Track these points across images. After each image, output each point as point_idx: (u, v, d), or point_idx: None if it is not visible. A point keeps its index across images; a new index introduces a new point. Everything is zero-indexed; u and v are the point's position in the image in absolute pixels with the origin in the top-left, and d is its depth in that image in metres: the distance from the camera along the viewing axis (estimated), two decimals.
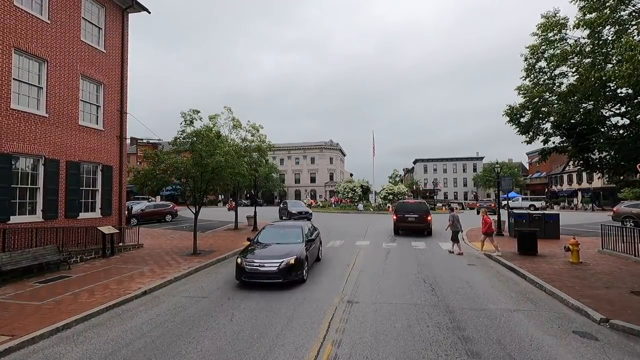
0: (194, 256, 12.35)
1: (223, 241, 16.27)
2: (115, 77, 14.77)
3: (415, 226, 18.32)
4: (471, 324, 6.08)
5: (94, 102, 13.83)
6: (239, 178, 14.56)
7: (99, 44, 14.11)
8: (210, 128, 12.87)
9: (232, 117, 19.60)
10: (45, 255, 9.96)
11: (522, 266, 10.13)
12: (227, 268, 10.97)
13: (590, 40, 7.26)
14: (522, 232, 12.11)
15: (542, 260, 11.02)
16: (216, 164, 12.05)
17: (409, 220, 18.39)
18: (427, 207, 19.40)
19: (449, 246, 14.85)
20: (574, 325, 6.09)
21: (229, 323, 6.23)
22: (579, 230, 19.95)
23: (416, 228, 18.31)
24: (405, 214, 18.58)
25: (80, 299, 7.51)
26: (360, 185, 49.12)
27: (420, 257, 12.37)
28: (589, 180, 57.66)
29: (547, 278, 8.77)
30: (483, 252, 12.89)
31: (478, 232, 18.90)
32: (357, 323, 6.17)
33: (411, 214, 18.50)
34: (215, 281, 9.33)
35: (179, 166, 11.97)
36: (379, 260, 11.97)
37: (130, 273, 9.89)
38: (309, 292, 8.19)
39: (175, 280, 9.30)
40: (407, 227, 18.51)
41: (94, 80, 13.70)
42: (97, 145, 13.75)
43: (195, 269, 10.44)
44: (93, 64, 13.63)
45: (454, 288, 8.39)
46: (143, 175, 12.05)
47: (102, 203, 13.88)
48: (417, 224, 18.19)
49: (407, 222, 18.42)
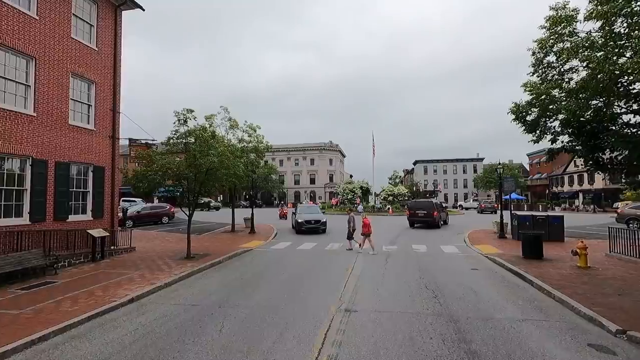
0: (187, 260, 11.92)
1: (219, 244, 15.85)
2: (108, 75, 14.36)
3: (424, 220, 23.31)
4: (477, 336, 5.66)
5: (85, 101, 13.43)
6: (235, 179, 14.16)
7: (91, 42, 13.71)
8: (204, 127, 12.45)
9: (229, 117, 19.19)
10: (31, 259, 9.53)
11: (528, 271, 9.70)
12: (220, 273, 10.55)
13: (602, 33, 6.86)
14: (526, 235, 11.69)
15: (548, 265, 10.59)
16: (210, 164, 11.64)
17: (419, 215, 23.43)
18: (434, 204, 24.31)
19: (450, 249, 14.45)
20: (589, 337, 5.66)
21: (217, 335, 5.80)
22: (583, 233, 19.53)
23: (425, 221, 23.29)
24: (416, 210, 23.74)
25: (62, 307, 7.09)
26: (360, 186, 48.72)
27: (422, 261, 11.95)
28: (590, 182, 57.30)
29: (555, 284, 8.35)
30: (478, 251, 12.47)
31: (480, 235, 18.52)
32: (355, 335, 5.75)
33: (421, 210, 23.54)
34: (208, 287, 8.90)
35: (172, 167, 11.53)
36: (379, 264, 11.55)
37: (119, 279, 9.46)
38: (304, 299, 7.77)
39: (166, 286, 8.87)
40: (418, 221, 23.59)
41: (85, 79, 13.30)
42: (88, 145, 13.34)
43: (187, 274, 10.01)
44: (84, 62, 13.23)
45: (458, 295, 7.97)
46: (133, 177, 11.61)
47: (93, 205, 13.46)
48: (426, 218, 23.20)
49: (418, 216, 23.53)
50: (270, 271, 10.77)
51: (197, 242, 16.44)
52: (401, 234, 20.40)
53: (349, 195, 47.33)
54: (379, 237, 18.33)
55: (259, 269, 11.05)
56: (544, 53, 8.00)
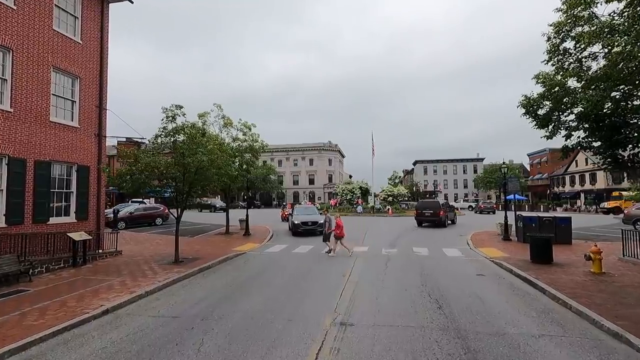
0: (175, 265, 11.23)
1: (211, 247, 15.14)
2: (94, 70, 13.67)
3: (431, 219, 24.17)
4: (490, 356, 4.98)
5: (68, 97, 12.74)
6: (227, 179, 13.47)
7: (75, 35, 13.03)
8: (193, 124, 11.76)
9: (222, 115, 18.54)
10: (2, 265, 8.83)
11: (538, 277, 9.02)
12: (208, 279, 9.85)
13: (629, 12, 6.16)
14: (535, 238, 11.00)
15: (559, 270, 9.91)
16: (199, 163, 10.96)
17: (426, 214, 24.36)
18: (440, 204, 25.27)
19: (453, 252, 13.78)
20: (617, 357, 4.98)
21: (194, 355, 5.11)
22: (589, 234, 18.87)
23: (432, 220, 24.16)
24: (423, 210, 24.76)
25: (27, 321, 6.39)
26: (359, 186, 48.06)
27: (424, 266, 11.27)
28: (591, 182, 56.67)
29: (570, 293, 7.67)
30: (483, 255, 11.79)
31: (483, 236, 17.84)
32: (351, 354, 5.06)
33: (428, 209, 24.51)
34: (192, 296, 8.21)
35: (158, 166, 10.83)
36: (378, 269, 10.86)
37: (98, 286, 8.77)
38: (295, 310, 7.08)
39: (147, 294, 8.18)
40: (425, 220, 24.44)
41: (68, 73, 12.61)
42: (72, 143, 12.65)
43: (172, 281, 9.31)
44: (67, 56, 12.55)
45: (464, 305, 7.28)
46: (117, 176, 10.92)
47: (77, 206, 12.77)
48: (432, 217, 24.08)
49: (424, 216, 24.45)
50: (261, 277, 10.07)
51: (188, 245, 15.76)
52: (401, 235, 19.71)
53: (348, 196, 46.67)
54: (378, 240, 17.67)
55: (249, 275, 10.35)
56: (561, 38, 7.31)
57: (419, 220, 24.74)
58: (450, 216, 26.40)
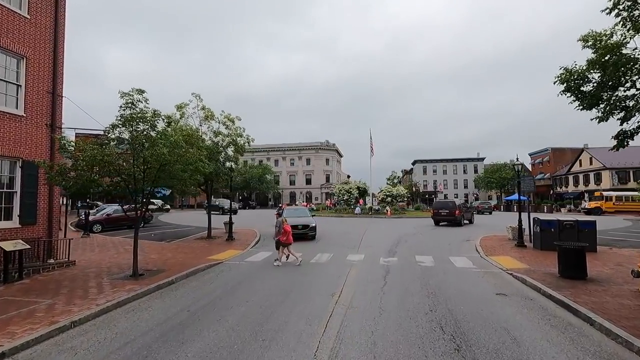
0: (131, 280, 9.30)
1: (183, 255, 13.19)
2: (45, 50, 11.74)
3: (447, 218, 25.09)
4: None
5: (11, 80, 10.81)
6: (199, 176, 11.55)
7: (20, 7, 11.11)
8: (155, 111, 9.82)
9: (202, 106, 16.66)
10: None
11: (578, 300, 7.14)
12: (164, 301, 7.90)
13: None
14: (565, 249, 9.10)
15: (600, 290, 8.02)
16: (158, 157, 9.03)
17: (442, 214, 25.28)
18: (456, 204, 26.10)
19: (463, 262, 11.90)
20: None
21: None
22: (609, 239, 17.03)
23: (448, 219, 25.06)
24: (439, 210, 25.62)
25: None
26: (357, 186, 46.20)
27: (430, 281, 9.38)
28: (596, 182, 54.99)
29: (628, 326, 5.79)
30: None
31: (493, 242, 15.97)
32: None
33: (444, 209, 25.45)
34: (134, 328, 6.28)
35: (108, 159, 8.90)
36: (375, 285, 8.97)
37: (16, 312, 6.84)
38: (261, 356, 5.17)
39: (72, 326, 6.26)
40: (442, 219, 25.32)
41: (10, 52, 10.67)
42: (15, 135, 10.72)
43: (116, 304, 7.38)
44: (9, 32, 10.63)
45: (490, 343, 5.40)
46: (57, 173, 8.97)
47: (21, 209, 10.84)
48: (448, 216, 24.99)
49: (441, 215, 25.31)
50: (231, 298, 8.13)
51: (159, 252, 13.85)
52: (401, 240, 17.81)
53: (345, 196, 44.82)
54: (376, 245, 15.77)
55: (217, 294, 8.40)
56: None
57: (436, 219, 25.61)
58: (467, 216, 27.43)
